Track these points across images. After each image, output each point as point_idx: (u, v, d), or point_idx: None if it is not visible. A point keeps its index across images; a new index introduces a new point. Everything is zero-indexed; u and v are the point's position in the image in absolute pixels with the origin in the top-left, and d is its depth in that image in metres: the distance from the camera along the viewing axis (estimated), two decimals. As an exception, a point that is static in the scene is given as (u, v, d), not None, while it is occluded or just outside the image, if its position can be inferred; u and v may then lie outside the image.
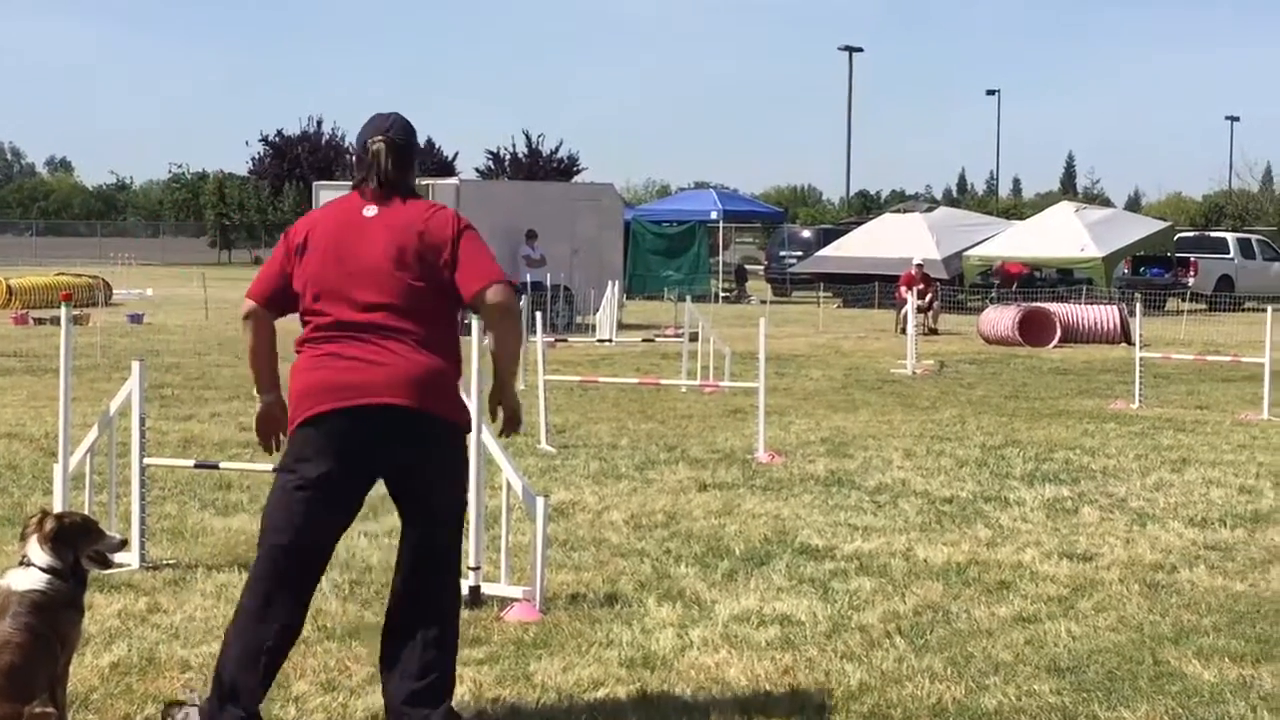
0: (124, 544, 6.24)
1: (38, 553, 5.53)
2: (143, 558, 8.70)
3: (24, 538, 5.63)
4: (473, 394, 7.97)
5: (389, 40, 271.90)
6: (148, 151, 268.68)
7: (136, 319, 31.21)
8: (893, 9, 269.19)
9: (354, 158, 6.14)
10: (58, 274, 40.24)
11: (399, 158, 5.94)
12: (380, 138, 5.94)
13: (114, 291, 39.22)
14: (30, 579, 5.46)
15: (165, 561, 8.85)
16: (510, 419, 6.07)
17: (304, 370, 5.83)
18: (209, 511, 10.47)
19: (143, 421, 8.80)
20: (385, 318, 5.74)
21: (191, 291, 39.67)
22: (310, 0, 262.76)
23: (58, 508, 8.72)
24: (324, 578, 6.13)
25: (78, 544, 5.64)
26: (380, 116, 6.05)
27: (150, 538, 8.96)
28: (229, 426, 14.86)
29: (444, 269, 5.81)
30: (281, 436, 6.10)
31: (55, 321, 12.15)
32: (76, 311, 27.21)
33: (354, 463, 5.82)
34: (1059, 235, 42.83)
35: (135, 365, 8.69)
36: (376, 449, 5.79)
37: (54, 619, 5.44)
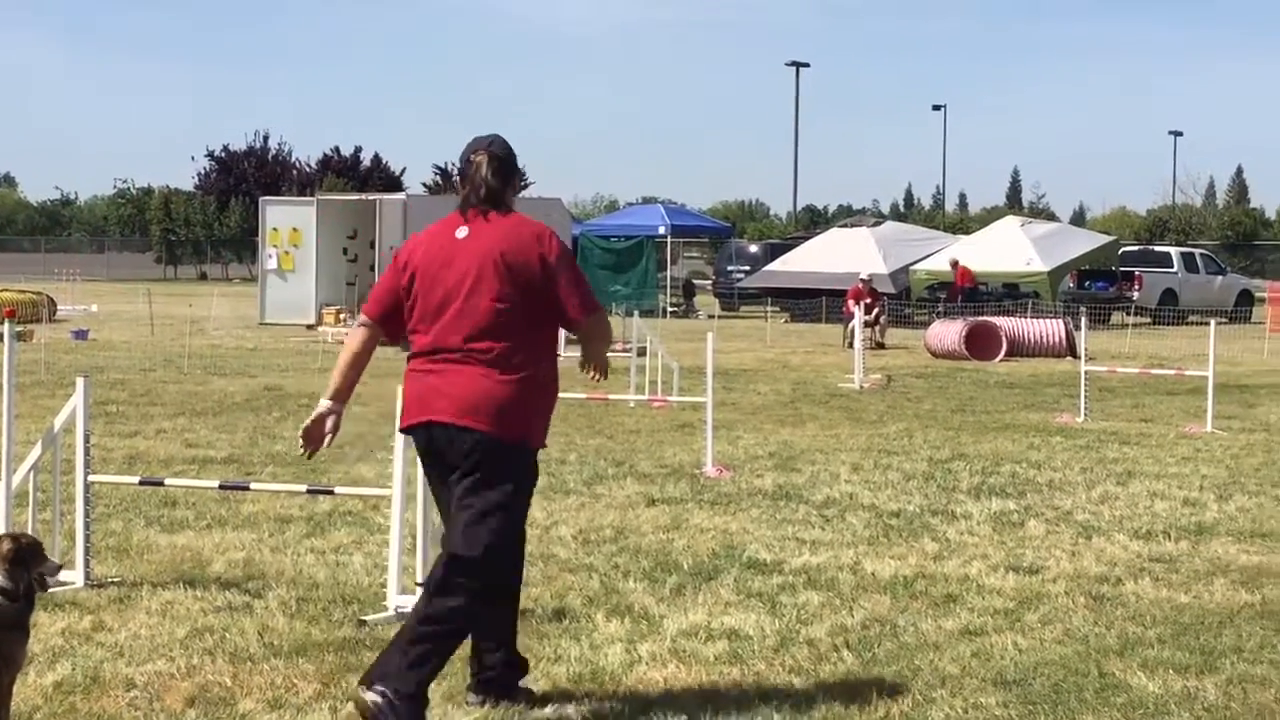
0: (61, 568, 6.23)
1: None
2: (87, 575, 8.63)
3: None
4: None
5: (336, 55, 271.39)
6: (93, 167, 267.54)
7: (81, 335, 31.01)
8: (839, 25, 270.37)
9: (458, 175, 6.50)
10: (1, 290, 39.95)
11: (498, 168, 6.31)
12: (482, 151, 6.33)
13: (58, 308, 39.00)
14: None
15: (110, 579, 8.78)
16: (600, 369, 6.57)
17: (406, 384, 6.38)
18: (154, 528, 10.40)
19: (87, 438, 8.74)
20: (466, 342, 6.15)
21: (137, 308, 39.47)
22: (258, 15, 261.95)
23: (0, 526, 8.66)
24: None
25: (30, 565, 5.62)
26: (481, 136, 6.43)
27: (95, 555, 8.89)
28: (174, 443, 14.78)
29: (533, 288, 6.18)
30: (324, 447, 6.49)
31: (-2, 338, 12.05)
32: (20, 328, 26.99)
33: (431, 469, 6.44)
34: (1005, 249, 43.11)
35: (80, 381, 8.64)
36: (444, 459, 6.25)
37: (0, 639, 5.40)
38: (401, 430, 6.59)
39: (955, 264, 41.17)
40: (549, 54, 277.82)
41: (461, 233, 6.26)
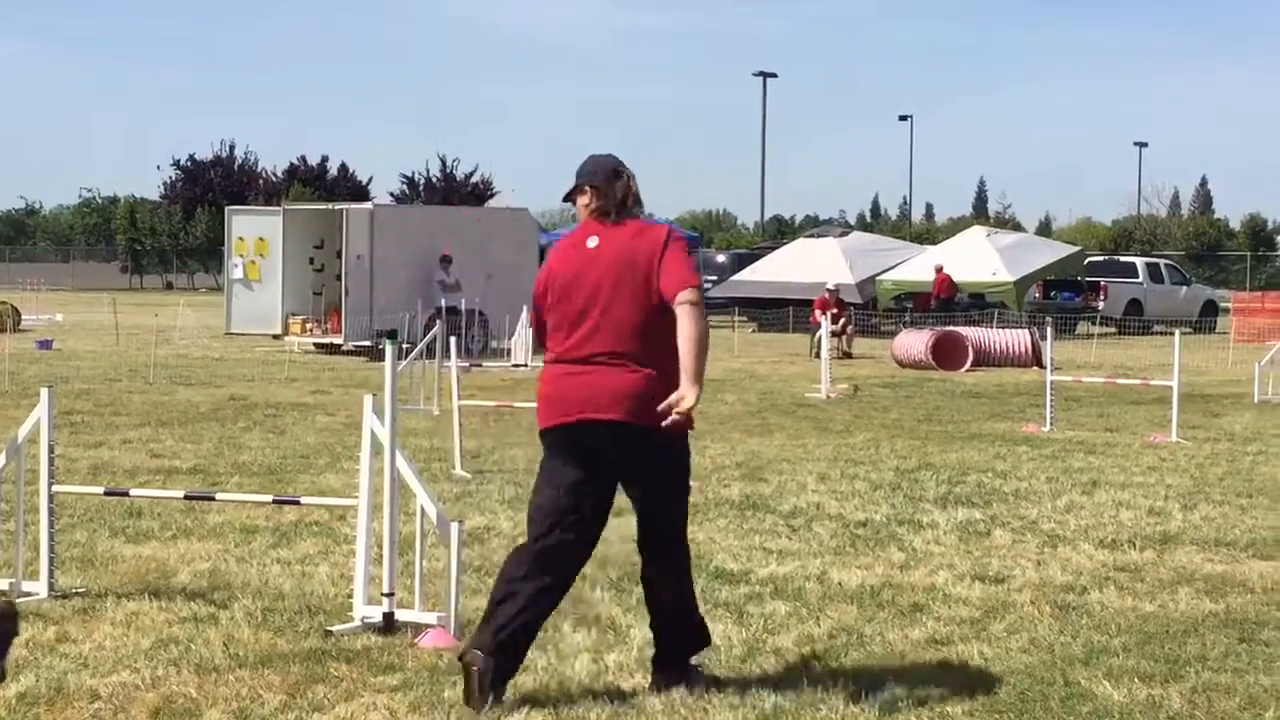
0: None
1: None
2: (51, 586, 8.59)
3: None
4: (387, 417, 7.95)
5: (303, 64, 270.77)
6: (57, 176, 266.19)
7: (46, 345, 30.86)
8: (806, 35, 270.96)
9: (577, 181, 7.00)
10: (-35, 300, 39.74)
11: (614, 185, 6.85)
12: (587, 180, 6.88)
13: (23, 317, 38.82)
14: None
15: (74, 590, 8.74)
16: (669, 409, 6.54)
17: (543, 379, 6.93)
18: (119, 539, 10.36)
19: (52, 448, 8.70)
20: (598, 343, 6.69)
21: (102, 317, 39.32)
22: (223, 24, 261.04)
23: (-36, 536, 8.62)
24: None
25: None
26: (596, 154, 6.98)
27: (59, 566, 8.85)
28: (140, 453, 14.72)
29: (652, 285, 6.66)
30: None
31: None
32: (-16, 337, 26.89)
33: (569, 464, 6.85)
34: (971, 259, 43.27)
35: (44, 392, 8.59)
36: (600, 455, 6.74)
37: None
38: (547, 428, 6.83)
39: (940, 270, 41.23)
40: (517, 62, 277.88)
41: (592, 242, 6.80)
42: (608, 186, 6.83)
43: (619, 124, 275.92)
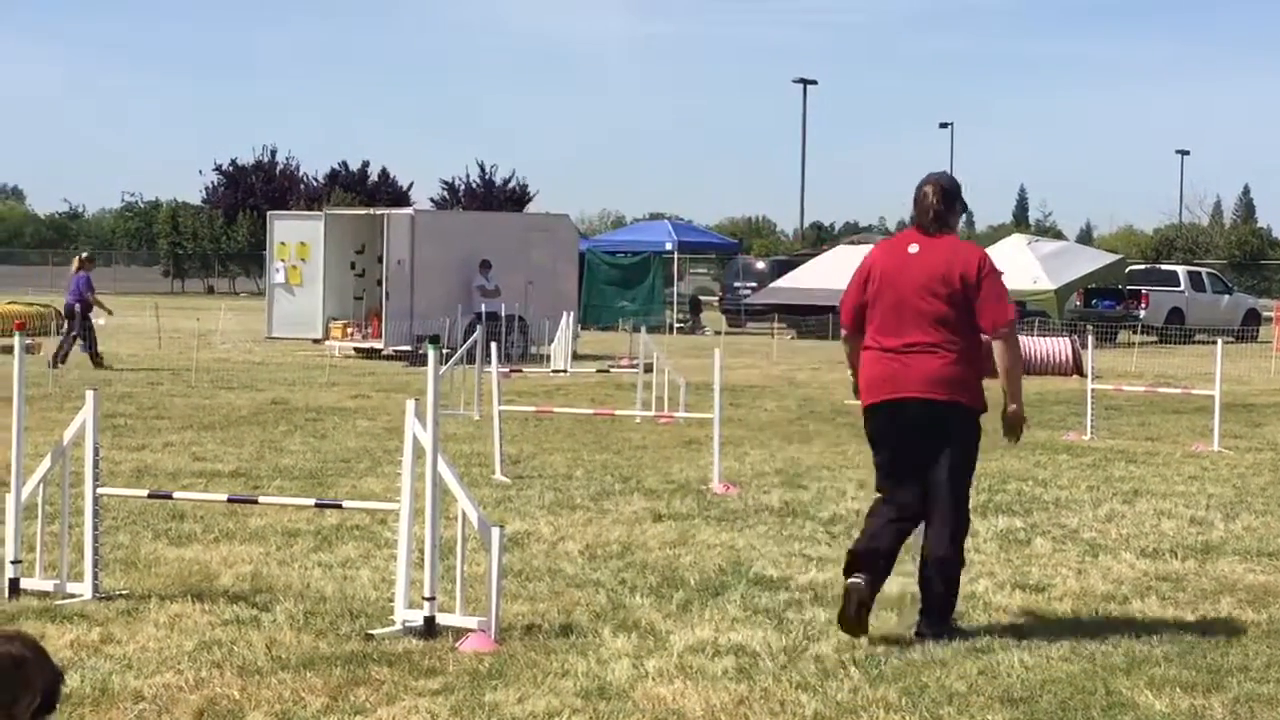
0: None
1: None
2: (95, 588, 8.65)
3: None
4: (429, 422, 7.98)
5: (345, 70, 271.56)
6: (101, 180, 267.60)
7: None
8: (846, 43, 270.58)
9: (913, 202, 8.28)
10: (9, 303, 40.02)
11: (943, 197, 8.19)
12: (932, 182, 8.24)
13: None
14: None
15: (118, 592, 8.80)
16: (1009, 427, 8.34)
17: (865, 366, 8.27)
18: (162, 541, 10.42)
19: (96, 451, 8.76)
20: (912, 335, 8.02)
21: (144, 321, 39.49)
22: (266, 29, 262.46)
23: (9, 538, 8.69)
24: None
25: None
26: (934, 172, 8.45)
27: (103, 568, 8.91)
28: (182, 456, 14.81)
29: (967, 298, 8.00)
30: None
31: (8, 351, 12.11)
32: (29, 341, 27.06)
33: (890, 435, 8.29)
34: (1012, 267, 42.92)
35: (89, 395, 8.65)
36: (909, 428, 8.14)
37: None
38: (872, 404, 8.23)
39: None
40: (557, 69, 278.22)
41: (913, 249, 8.12)
42: (950, 196, 8.20)
43: (659, 130, 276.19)
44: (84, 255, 30.27)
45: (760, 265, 53.84)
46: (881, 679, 7.31)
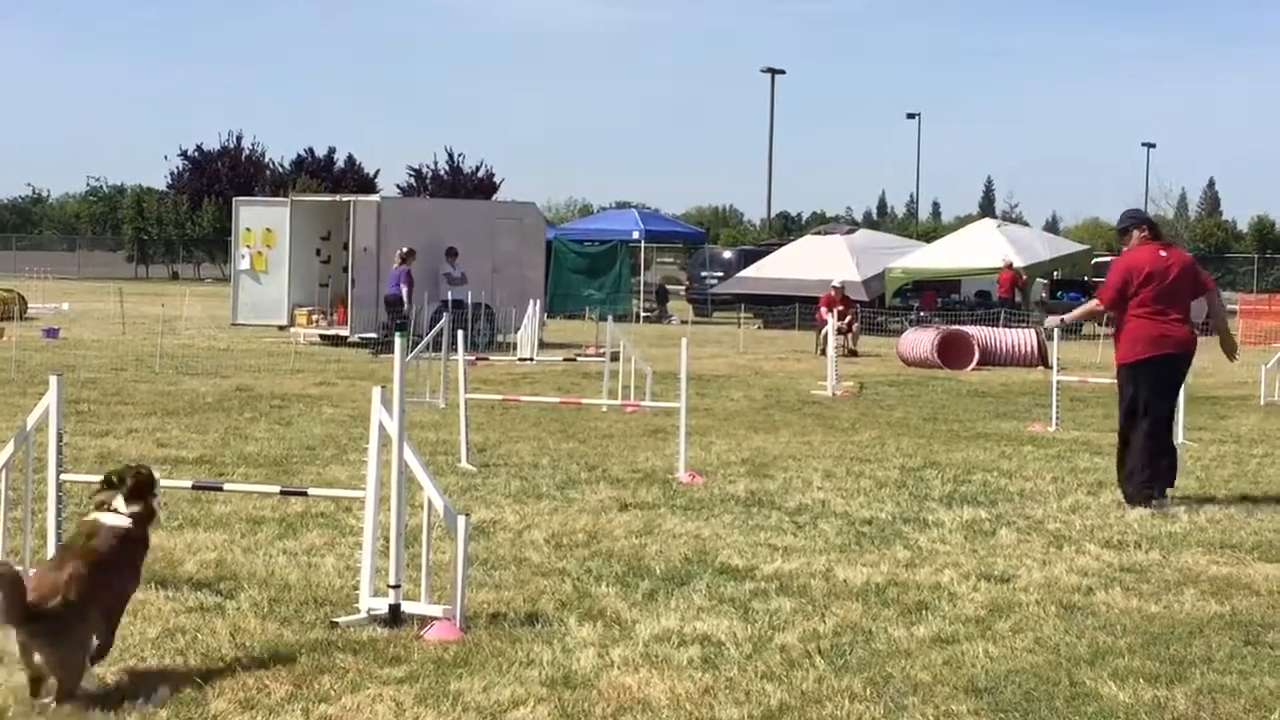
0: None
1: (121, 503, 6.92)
2: (58, 575, 8.58)
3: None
4: (395, 410, 7.96)
5: (311, 56, 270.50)
6: (65, 164, 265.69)
7: (52, 334, 30.91)
8: (815, 32, 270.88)
9: (1130, 222, 13.02)
10: (-29, 288, 39.78)
11: (1155, 227, 13.09)
12: (1144, 221, 13.04)
13: (29, 306, 38.85)
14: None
15: (81, 579, 8.73)
16: (1227, 349, 13.27)
17: (1143, 330, 12.51)
18: (126, 528, 10.35)
19: (60, 437, 8.70)
20: (1178, 310, 12.53)
21: (108, 306, 39.35)
22: (232, 14, 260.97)
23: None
24: None
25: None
26: (1137, 210, 14.11)
27: (66, 554, 8.84)
28: (146, 442, 14.74)
29: (1195, 281, 12.72)
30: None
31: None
32: (-9, 325, 26.90)
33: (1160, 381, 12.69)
34: (981, 248, 43.19)
35: (53, 380, 8.59)
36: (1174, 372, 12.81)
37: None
38: (1147, 358, 12.41)
39: (1009, 266, 40.42)
40: (524, 56, 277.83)
41: (1164, 253, 12.58)
42: (1154, 229, 12.89)
43: (626, 119, 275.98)
44: None
45: (727, 255, 53.97)
46: (846, 669, 7.32)
